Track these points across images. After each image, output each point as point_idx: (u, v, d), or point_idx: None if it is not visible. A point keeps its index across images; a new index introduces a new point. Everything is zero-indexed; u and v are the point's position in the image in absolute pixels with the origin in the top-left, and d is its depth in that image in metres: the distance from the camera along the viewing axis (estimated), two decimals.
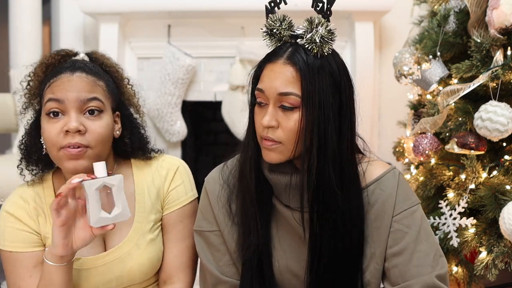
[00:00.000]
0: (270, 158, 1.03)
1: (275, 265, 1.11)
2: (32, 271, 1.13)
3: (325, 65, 0.99)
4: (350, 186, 1.03)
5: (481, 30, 1.72)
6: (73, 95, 1.09)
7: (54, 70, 1.15)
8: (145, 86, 3.28)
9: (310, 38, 0.98)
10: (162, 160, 1.26)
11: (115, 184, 1.00)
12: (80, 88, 1.11)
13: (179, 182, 1.24)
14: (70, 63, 1.17)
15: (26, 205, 1.17)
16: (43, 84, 1.15)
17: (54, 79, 1.12)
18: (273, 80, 1.00)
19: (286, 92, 0.98)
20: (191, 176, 1.28)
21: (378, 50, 3.19)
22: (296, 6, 1.05)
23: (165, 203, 1.23)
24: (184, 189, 1.24)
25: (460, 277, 1.86)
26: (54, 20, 3.49)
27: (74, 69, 1.13)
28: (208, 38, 3.20)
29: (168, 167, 1.24)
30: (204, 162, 3.70)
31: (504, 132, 1.63)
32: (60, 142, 1.08)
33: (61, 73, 1.13)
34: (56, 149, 1.09)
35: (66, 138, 1.08)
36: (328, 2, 1.00)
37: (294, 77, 0.98)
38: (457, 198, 1.77)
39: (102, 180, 0.99)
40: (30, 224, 1.16)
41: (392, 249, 1.05)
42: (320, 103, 0.97)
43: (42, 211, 1.17)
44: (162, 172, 1.24)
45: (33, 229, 1.16)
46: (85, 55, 1.22)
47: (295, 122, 0.99)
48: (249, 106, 1.08)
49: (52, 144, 1.09)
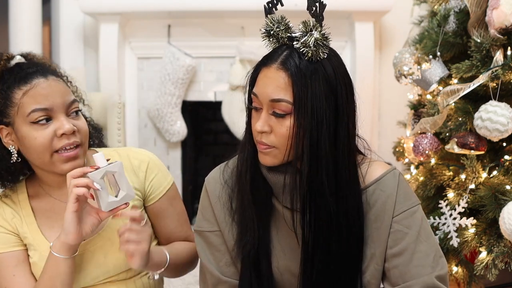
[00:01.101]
0: (265, 161, 1.03)
1: (274, 265, 1.11)
2: (15, 270, 1.15)
3: (319, 69, 0.98)
4: (346, 190, 1.02)
5: (481, 30, 1.72)
6: (59, 100, 1.12)
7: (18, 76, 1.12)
8: (145, 86, 3.28)
9: (304, 42, 0.97)
10: (131, 151, 1.29)
11: (116, 171, 1.08)
12: (61, 92, 1.13)
13: (156, 171, 1.28)
14: (33, 67, 1.14)
15: (1, 210, 1.19)
16: (3, 91, 1.11)
17: (28, 87, 1.10)
18: (266, 86, 0.99)
19: (277, 99, 0.98)
20: (162, 163, 1.33)
21: (378, 50, 3.19)
22: (296, 6, 1.04)
23: (149, 193, 1.27)
24: (163, 176, 1.29)
25: (460, 277, 1.86)
26: (54, 20, 3.49)
27: (44, 73, 1.13)
28: (208, 38, 3.20)
29: (140, 159, 1.27)
30: (204, 162, 3.71)
31: (504, 132, 1.64)
32: (54, 146, 1.11)
33: (32, 79, 1.11)
34: (49, 154, 1.11)
35: (62, 140, 1.11)
36: (320, 7, 0.98)
37: (286, 83, 0.97)
38: (457, 198, 1.77)
39: (105, 169, 1.06)
40: (6, 226, 1.18)
41: (392, 249, 1.05)
42: (312, 109, 0.96)
43: (16, 213, 1.20)
44: (135, 162, 1.26)
45: (9, 230, 1.18)
46: (21, 57, 1.20)
47: (287, 128, 0.98)
48: (246, 109, 1.08)
49: (44, 149, 1.10)
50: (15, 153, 1.14)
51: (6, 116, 1.12)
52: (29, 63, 1.17)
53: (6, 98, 1.11)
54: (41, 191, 1.22)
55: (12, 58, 1.18)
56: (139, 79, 3.27)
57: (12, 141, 1.14)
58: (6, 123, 1.13)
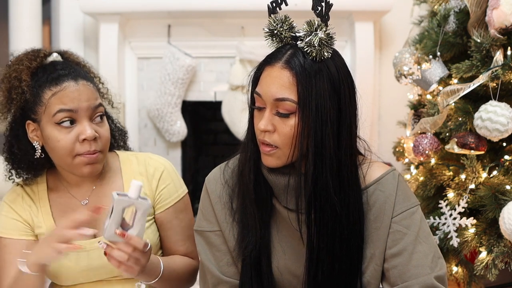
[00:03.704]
0: (268, 162, 1.03)
1: (275, 266, 1.11)
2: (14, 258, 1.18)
3: (324, 69, 0.98)
4: (348, 190, 1.03)
5: (481, 30, 1.72)
6: (85, 104, 1.15)
7: (50, 77, 1.15)
8: (145, 86, 3.28)
9: (308, 42, 0.98)
10: (148, 158, 1.30)
11: (141, 209, 1.03)
12: (88, 96, 1.16)
13: (169, 181, 1.28)
14: (66, 69, 1.17)
15: (20, 198, 1.23)
16: (35, 89, 1.15)
17: (58, 88, 1.13)
18: (270, 85, 0.99)
19: (282, 98, 0.98)
20: (178, 174, 1.33)
21: (378, 50, 3.19)
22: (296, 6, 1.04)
23: (157, 202, 1.27)
24: (174, 187, 1.29)
25: (460, 277, 1.86)
26: (54, 20, 3.49)
27: (76, 77, 1.16)
28: (208, 38, 3.20)
29: (155, 166, 1.28)
30: (204, 162, 3.71)
31: (504, 132, 1.64)
32: (77, 150, 1.14)
33: (63, 81, 1.14)
34: (71, 157, 1.15)
35: (84, 146, 1.14)
36: (326, 6, 0.99)
37: (291, 82, 0.98)
38: (457, 198, 1.77)
39: (132, 202, 1.01)
40: (21, 214, 1.22)
41: (391, 249, 1.05)
42: (317, 108, 0.97)
43: (34, 204, 1.23)
44: (150, 169, 1.27)
45: (23, 219, 1.22)
46: (58, 55, 1.23)
47: (290, 128, 0.98)
48: (249, 108, 1.08)
49: (67, 152, 1.14)
50: (39, 149, 1.18)
51: (34, 113, 1.16)
52: (64, 63, 1.21)
53: (36, 96, 1.15)
54: (60, 186, 1.25)
55: (49, 55, 1.22)
56: (139, 79, 3.27)
57: (37, 137, 1.18)
58: (33, 119, 1.17)
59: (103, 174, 1.25)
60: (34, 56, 1.19)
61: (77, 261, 1.19)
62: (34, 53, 1.20)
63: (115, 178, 1.26)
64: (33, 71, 1.17)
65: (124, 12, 3.05)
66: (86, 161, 1.15)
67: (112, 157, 1.30)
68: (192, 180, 3.50)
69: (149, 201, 1.04)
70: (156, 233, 1.27)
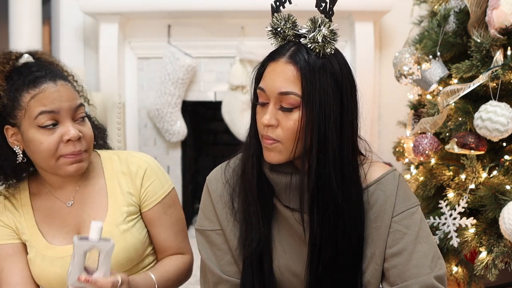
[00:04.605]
0: (270, 158, 1.03)
1: (275, 265, 1.11)
2: (3, 263, 1.18)
3: (327, 65, 0.99)
4: (350, 187, 1.03)
5: (481, 30, 1.72)
6: (66, 105, 1.13)
7: (27, 80, 1.13)
8: (145, 86, 3.28)
9: (312, 38, 0.99)
10: (131, 156, 1.28)
11: (104, 251, 1.00)
12: (69, 97, 1.15)
13: (153, 178, 1.27)
14: (42, 70, 1.15)
15: (2, 206, 1.23)
16: (11, 93, 1.12)
17: (37, 91, 1.11)
18: (274, 79, 1.00)
19: (286, 92, 0.98)
20: (162, 169, 1.31)
21: (378, 50, 3.19)
22: (296, 6, 1.05)
23: (143, 200, 1.26)
24: (160, 183, 1.27)
25: (460, 277, 1.86)
26: (54, 20, 3.49)
27: (53, 78, 1.14)
28: (208, 38, 3.20)
29: (138, 164, 1.26)
30: (204, 162, 3.71)
31: (504, 132, 1.64)
32: (61, 151, 1.13)
33: (41, 83, 1.12)
34: (55, 158, 1.13)
35: (68, 147, 1.13)
36: (331, 2, 1.00)
37: (295, 76, 0.98)
38: (457, 198, 1.77)
39: (94, 244, 0.99)
40: (4, 220, 1.21)
41: (391, 249, 1.05)
42: (320, 103, 0.98)
43: (16, 210, 1.22)
44: (133, 168, 1.26)
45: (7, 224, 1.21)
46: (29, 56, 1.20)
47: (294, 122, 0.99)
48: (252, 104, 1.08)
49: (51, 154, 1.13)
50: (20, 153, 1.17)
51: (13, 118, 1.14)
52: (37, 64, 1.18)
53: (14, 100, 1.13)
54: (43, 190, 1.23)
55: (20, 57, 1.19)
56: (139, 79, 3.27)
57: (17, 141, 1.16)
58: (12, 124, 1.15)
59: (86, 174, 1.24)
60: (5, 59, 1.17)
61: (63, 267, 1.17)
62: (5, 56, 1.17)
63: (98, 178, 1.25)
64: (7, 75, 1.14)
65: (124, 12, 3.05)
66: (69, 162, 1.14)
67: (94, 157, 1.28)
68: (192, 180, 3.50)
69: (111, 242, 1.00)
70: (143, 231, 1.26)
